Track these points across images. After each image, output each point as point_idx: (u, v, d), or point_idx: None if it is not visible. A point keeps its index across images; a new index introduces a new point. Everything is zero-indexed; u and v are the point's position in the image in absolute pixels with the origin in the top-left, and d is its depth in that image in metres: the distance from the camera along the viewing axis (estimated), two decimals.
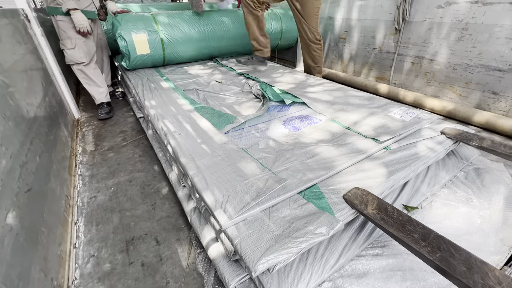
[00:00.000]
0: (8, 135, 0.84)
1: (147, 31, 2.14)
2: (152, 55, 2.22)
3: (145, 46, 2.14)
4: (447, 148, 1.16)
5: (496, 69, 1.68)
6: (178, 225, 1.09)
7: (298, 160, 1.04)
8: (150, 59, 2.25)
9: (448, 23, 1.83)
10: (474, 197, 1.06)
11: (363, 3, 2.36)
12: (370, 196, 0.85)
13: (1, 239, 0.62)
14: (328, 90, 1.77)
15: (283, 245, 0.69)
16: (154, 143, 1.56)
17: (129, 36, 2.06)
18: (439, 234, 0.72)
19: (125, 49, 2.10)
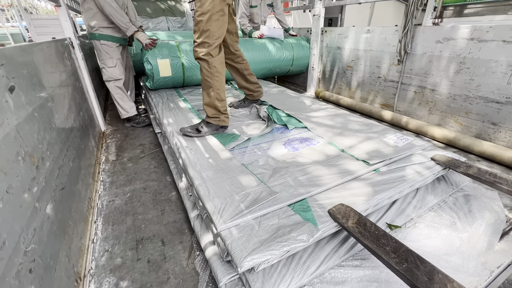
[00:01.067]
0: (52, 143, 1.04)
1: (170, 57, 2.41)
2: (173, 77, 2.48)
3: (167, 69, 2.41)
4: (435, 173, 1.23)
5: (494, 101, 1.75)
6: (183, 230, 1.22)
7: (291, 176, 1.16)
8: (171, 80, 2.51)
9: (447, 56, 1.95)
10: (459, 221, 1.11)
11: (369, 36, 2.53)
12: (352, 212, 0.95)
13: (42, 224, 0.78)
14: (330, 115, 1.90)
15: (268, 247, 0.80)
16: (168, 156, 1.74)
17: (154, 61, 2.34)
18: (409, 248, 0.80)
19: (150, 72, 2.37)
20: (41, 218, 0.79)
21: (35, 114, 0.95)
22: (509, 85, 1.66)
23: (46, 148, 0.96)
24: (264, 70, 3.06)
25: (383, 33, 2.39)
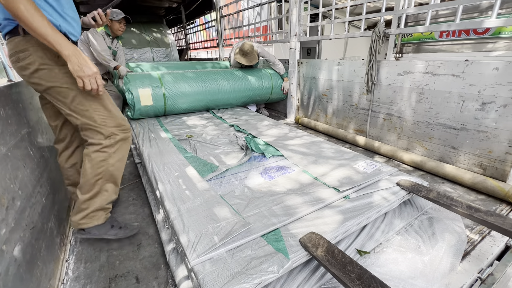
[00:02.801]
0: (25, 181, 1.04)
1: (152, 86, 2.51)
2: (155, 106, 2.55)
3: (148, 99, 2.49)
4: (401, 198, 1.32)
5: (452, 128, 1.93)
6: (158, 264, 1.21)
7: (265, 206, 1.21)
8: (152, 109, 2.57)
9: (408, 87, 2.15)
10: (423, 244, 1.18)
11: (340, 67, 2.75)
12: (322, 240, 0.99)
13: (7, 268, 0.76)
14: (306, 143, 2.00)
15: (238, 281, 0.82)
16: (147, 187, 1.74)
17: (136, 91, 2.42)
18: (372, 274, 0.84)
19: (131, 101, 2.44)
20: (7, 262, 0.77)
21: (9, 154, 0.97)
22: (462, 113, 1.85)
23: (18, 187, 0.97)
24: (245, 97, 3.19)
25: (352, 66, 2.61)
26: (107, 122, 1.18)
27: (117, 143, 1.22)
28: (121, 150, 1.25)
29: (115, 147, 1.22)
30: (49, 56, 1.03)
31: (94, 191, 1.22)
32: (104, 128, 1.17)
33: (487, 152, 1.77)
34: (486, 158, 1.79)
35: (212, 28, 6.02)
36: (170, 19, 7.69)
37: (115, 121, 1.21)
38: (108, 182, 1.25)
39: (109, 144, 1.20)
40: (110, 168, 1.22)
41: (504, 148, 1.68)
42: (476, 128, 1.80)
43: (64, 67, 1.04)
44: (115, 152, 1.23)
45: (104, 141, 1.18)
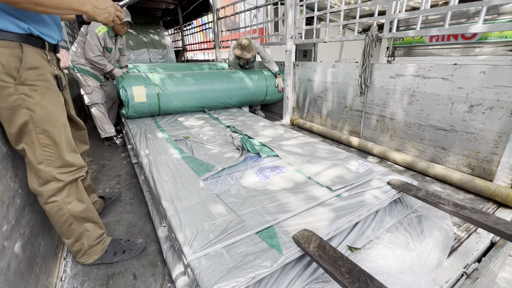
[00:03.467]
0: (25, 180, 1.06)
1: (145, 84, 2.58)
2: (149, 103, 2.60)
3: (142, 96, 2.54)
4: (391, 197, 1.36)
5: (441, 129, 1.99)
6: (155, 262, 1.23)
7: (260, 204, 1.24)
8: (146, 107, 2.61)
9: (400, 90, 2.21)
10: (412, 241, 1.22)
11: (334, 70, 2.81)
12: (314, 237, 1.03)
13: (8, 264, 0.79)
14: (300, 144, 2.04)
15: (233, 275, 0.85)
16: (144, 187, 1.76)
17: (130, 88, 2.49)
18: (361, 269, 0.88)
19: (125, 98, 2.48)
20: (9, 258, 0.80)
21: (9, 153, 0.99)
22: (451, 115, 1.91)
23: (18, 186, 0.99)
24: (240, 97, 3.22)
25: (346, 68, 2.67)
26: (51, 160, 0.98)
27: (64, 188, 1.03)
28: (74, 191, 1.08)
29: (64, 192, 1.03)
30: (7, 70, 0.84)
31: (75, 236, 1.12)
32: (42, 171, 0.96)
33: (475, 152, 1.84)
34: (474, 158, 1.85)
35: (209, 30, 6.05)
36: (167, 20, 7.71)
37: (60, 158, 1.00)
38: (83, 222, 1.13)
39: (52, 193, 1.00)
40: (74, 212, 1.08)
41: (491, 148, 1.74)
42: (464, 129, 1.86)
43: (22, 87, 0.87)
44: (67, 196, 1.05)
45: (41, 188, 0.98)
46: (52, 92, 0.97)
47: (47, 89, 0.95)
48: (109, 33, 2.54)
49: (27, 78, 0.88)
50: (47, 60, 0.97)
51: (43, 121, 0.93)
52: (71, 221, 1.09)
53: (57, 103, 0.99)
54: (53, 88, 0.98)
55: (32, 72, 0.90)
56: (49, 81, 0.96)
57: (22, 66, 0.86)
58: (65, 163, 1.02)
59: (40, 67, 0.92)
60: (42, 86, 0.93)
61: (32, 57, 0.89)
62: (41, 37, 0.94)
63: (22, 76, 0.87)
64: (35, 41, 0.92)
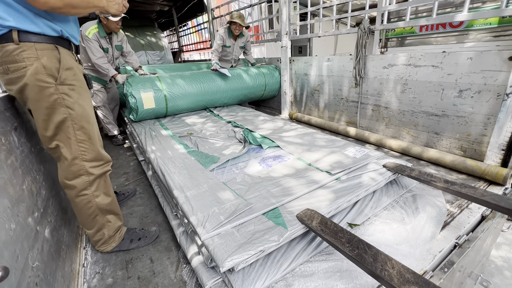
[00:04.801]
0: (46, 174, 1.15)
1: (153, 90, 2.59)
2: (157, 108, 2.64)
3: (151, 102, 2.57)
4: (387, 178, 1.45)
5: (434, 114, 2.08)
6: (169, 247, 1.32)
7: (265, 189, 1.33)
8: (154, 112, 2.66)
9: (393, 79, 2.30)
10: (407, 217, 1.32)
11: (330, 63, 2.89)
12: (316, 214, 1.12)
13: (42, 246, 0.87)
14: (300, 134, 2.13)
15: (245, 249, 0.94)
16: (153, 181, 1.85)
17: (138, 94, 2.50)
18: (360, 238, 0.97)
19: (134, 105, 2.51)
20: (42, 241, 0.88)
21: (33, 149, 1.07)
22: (442, 100, 2.00)
23: (43, 178, 1.07)
24: (241, 96, 3.31)
25: (340, 61, 2.76)
26: (85, 155, 1.05)
27: (94, 181, 1.11)
28: (102, 185, 1.15)
29: (94, 186, 1.11)
30: (49, 71, 0.90)
31: (97, 226, 1.19)
32: (76, 165, 1.03)
33: (466, 135, 1.93)
34: (465, 141, 1.94)
35: (204, 30, 6.12)
36: (162, 22, 7.76)
37: (93, 153, 1.08)
38: (106, 214, 1.21)
39: (84, 186, 1.07)
40: (101, 205, 1.16)
41: (480, 130, 1.84)
42: (455, 114, 1.95)
43: (62, 87, 0.93)
44: (96, 190, 1.12)
45: (73, 182, 1.04)
46: (85, 91, 1.06)
47: (82, 88, 1.02)
48: (100, 33, 2.49)
49: (66, 78, 0.94)
50: (76, 60, 1.04)
51: (80, 118, 1.00)
52: (97, 213, 1.16)
53: (89, 101, 1.08)
54: (85, 87, 1.06)
55: (69, 72, 0.95)
56: (82, 80, 1.04)
57: (61, 67, 0.92)
58: (97, 157, 1.09)
59: (73, 67, 0.99)
60: (78, 85, 1.00)
61: (66, 58, 0.96)
62: (69, 38, 0.99)
63: (62, 76, 0.93)
64: (64, 43, 0.98)
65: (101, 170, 1.13)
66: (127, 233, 1.34)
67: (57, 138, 0.98)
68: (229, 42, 3.47)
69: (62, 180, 1.05)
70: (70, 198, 1.09)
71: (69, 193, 1.08)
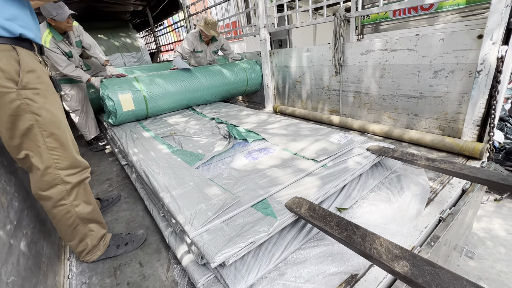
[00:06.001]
0: (17, 185, 1.08)
1: (131, 91, 2.50)
2: (137, 110, 2.55)
3: (130, 103, 2.47)
4: (371, 161, 1.48)
5: (412, 97, 2.13)
6: (159, 249, 1.28)
7: (252, 182, 1.32)
8: (134, 114, 2.57)
9: (371, 65, 2.33)
10: (393, 197, 1.35)
11: (309, 54, 2.90)
12: (304, 202, 1.12)
13: (18, 259, 0.82)
14: (284, 126, 2.13)
15: (235, 242, 0.93)
16: (138, 185, 1.79)
17: (116, 96, 2.40)
18: (348, 221, 0.98)
19: (112, 108, 2.42)
20: (17, 254, 0.83)
21: (1, 159, 1.00)
22: (419, 82, 2.05)
23: (14, 190, 1.00)
24: (223, 92, 3.27)
25: (320, 51, 2.77)
26: (59, 163, 0.97)
27: (72, 190, 1.03)
28: (81, 193, 1.08)
29: (72, 195, 1.04)
30: (7, 75, 0.81)
31: (79, 237, 1.12)
32: (50, 174, 0.95)
33: (443, 114, 1.99)
34: (443, 120, 2.01)
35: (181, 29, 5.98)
36: (137, 23, 7.52)
37: (67, 160, 1.00)
38: (88, 223, 1.14)
39: (61, 196, 1.00)
40: (81, 214, 1.08)
41: (456, 108, 1.90)
42: (432, 94, 2.01)
43: (25, 91, 0.84)
44: (76, 199, 1.05)
45: (49, 192, 0.97)
46: (53, 94, 0.97)
47: (47, 91, 0.94)
48: (56, 38, 2.26)
49: (29, 82, 0.85)
50: (39, 61, 0.95)
51: (49, 124, 0.92)
52: (77, 223, 1.09)
53: (58, 105, 0.99)
54: (52, 90, 0.97)
55: (31, 75, 0.86)
56: (47, 83, 0.95)
57: (22, 69, 0.83)
58: (72, 164, 1.02)
59: (36, 69, 0.90)
60: (43, 89, 0.91)
61: (27, 60, 0.86)
62: (28, 37, 0.89)
63: (24, 80, 0.84)
64: (24, 43, 0.88)
65: (79, 177, 1.06)
66: (112, 239, 1.29)
67: (25, 147, 0.91)
68: (201, 47, 3.33)
69: (36, 192, 0.97)
70: (47, 209, 1.02)
71: (45, 205, 1.00)
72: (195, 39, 3.23)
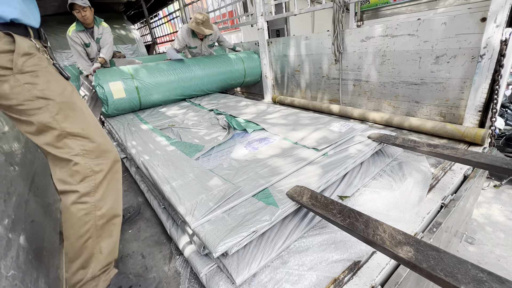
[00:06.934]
0: (15, 179, 1.06)
1: (122, 79, 2.49)
2: (128, 98, 2.54)
3: (121, 91, 2.47)
4: (373, 148, 1.46)
5: (413, 84, 2.10)
6: (160, 241, 1.28)
7: (253, 171, 1.30)
8: (127, 102, 2.55)
9: (372, 52, 2.29)
10: (395, 184, 1.34)
11: (308, 42, 2.85)
12: (306, 190, 1.11)
13: (17, 253, 0.81)
14: (284, 115, 2.10)
15: (237, 232, 0.92)
16: (137, 178, 1.77)
17: (106, 84, 2.41)
18: (351, 208, 0.97)
19: (103, 96, 2.41)
20: (16, 248, 0.82)
21: None
22: (420, 69, 2.02)
23: (11, 183, 0.99)
24: (219, 81, 3.22)
25: (319, 39, 2.72)
26: (87, 152, 0.86)
27: (101, 183, 0.88)
28: (110, 189, 0.91)
29: (100, 191, 0.88)
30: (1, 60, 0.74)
31: (84, 257, 0.88)
32: (79, 165, 0.84)
33: (445, 101, 1.97)
34: (444, 106, 1.98)
35: (177, 20, 5.85)
36: (131, 14, 7.35)
37: (98, 148, 0.88)
38: (101, 240, 0.91)
39: (88, 190, 0.86)
40: (100, 221, 0.88)
41: (457, 94, 1.88)
42: (433, 80, 1.98)
43: (23, 75, 0.77)
44: (101, 199, 0.88)
45: (78, 186, 0.84)
46: (55, 75, 0.86)
47: (48, 72, 0.83)
48: (77, 28, 2.46)
49: (24, 65, 0.77)
50: (36, 48, 0.84)
51: (61, 107, 0.82)
52: (91, 234, 0.87)
53: (66, 85, 0.88)
54: (54, 71, 0.86)
55: (26, 58, 0.78)
56: (47, 66, 0.84)
57: (16, 52, 0.76)
58: (101, 152, 0.89)
59: (32, 53, 0.80)
60: (43, 70, 0.82)
61: (20, 44, 0.78)
62: (23, 23, 0.81)
63: (18, 63, 0.76)
64: (18, 29, 0.80)
65: (108, 165, 0.90)
66: (116, 277, 1.00)
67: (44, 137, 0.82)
68: (194, 43, 3.19)
69: (61, 187, 0.84)
70: (65, 206, 0.85)
71: (66, 200, 0.85)
72: (187, 35, 3.07)
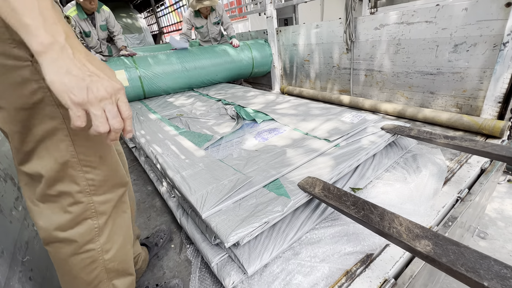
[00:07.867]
0: None
1: (125, 68, 2.50)
2: (132, 86, 2.55)
3: (123, 80, 2.47)
4: (386, 140, 1.42)
5: (429, 73, 2.03)
6: (171, 229, 1.28)
7: (263, 162, 1.28)
8: (130, 91, 2.56)
9: (386, 40, 2.20)
10: (409, 176, 1.30)
11: (318, 30, 2.76)
12: (318, 181, 1.08)
13: (32, 239, 0.82)
14: (293, 106, 2.06)
15: (248, 222, 0.91)
16: (146, 167, 1.78)
17: None
18: (365, 200, 0.95)
19: None
20: (29, 233, 0.82)
21: None
22: (437, 58, 1.94)
23: None
24: (226, 71, 3.16)
25: (330, 27, 2.63)
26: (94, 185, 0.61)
27: (106, 225, 0.65)
28: (117, 229, 0.68)
29: (105, 233, 0.65)
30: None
31: None
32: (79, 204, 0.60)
33: (462, 91, 1.89)
34: (461, 97, 1.91)
35: (183, 8, 5.76)
36: (137, 3, 7.28)
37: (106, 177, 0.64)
38: (115, 278, 0.71)
39: (89, 238, 0.62)
40: (110, 264, 0.68)
41: (476, 85, 1.80)
42: (450, 70, 1.90)
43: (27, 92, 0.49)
44: (108, 240, 0.66)
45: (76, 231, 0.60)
46: None
47: None
48: (79, 16, 2.37)
49: None
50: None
51: None
52: (101, 278, 0.67)
53: None
54: None
55: None
56: None
57: None
58: (111, 182, 0.65)
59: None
60: None
61: None
62: None
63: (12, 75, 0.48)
64: None
65: (115, 201, 0.67)
66: None
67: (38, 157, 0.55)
68: (200, 23, 3.20)
69: (49, 233, 0.58)
70: (61, 258, 0.62)
71: (59, 252, 0.61)
72: (191, 16, 3.13)
